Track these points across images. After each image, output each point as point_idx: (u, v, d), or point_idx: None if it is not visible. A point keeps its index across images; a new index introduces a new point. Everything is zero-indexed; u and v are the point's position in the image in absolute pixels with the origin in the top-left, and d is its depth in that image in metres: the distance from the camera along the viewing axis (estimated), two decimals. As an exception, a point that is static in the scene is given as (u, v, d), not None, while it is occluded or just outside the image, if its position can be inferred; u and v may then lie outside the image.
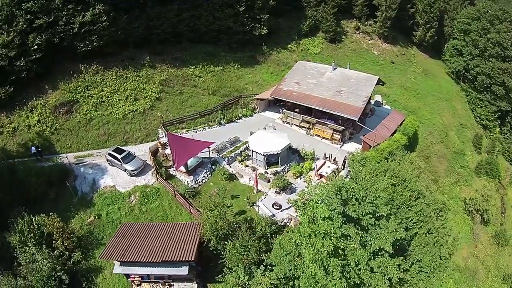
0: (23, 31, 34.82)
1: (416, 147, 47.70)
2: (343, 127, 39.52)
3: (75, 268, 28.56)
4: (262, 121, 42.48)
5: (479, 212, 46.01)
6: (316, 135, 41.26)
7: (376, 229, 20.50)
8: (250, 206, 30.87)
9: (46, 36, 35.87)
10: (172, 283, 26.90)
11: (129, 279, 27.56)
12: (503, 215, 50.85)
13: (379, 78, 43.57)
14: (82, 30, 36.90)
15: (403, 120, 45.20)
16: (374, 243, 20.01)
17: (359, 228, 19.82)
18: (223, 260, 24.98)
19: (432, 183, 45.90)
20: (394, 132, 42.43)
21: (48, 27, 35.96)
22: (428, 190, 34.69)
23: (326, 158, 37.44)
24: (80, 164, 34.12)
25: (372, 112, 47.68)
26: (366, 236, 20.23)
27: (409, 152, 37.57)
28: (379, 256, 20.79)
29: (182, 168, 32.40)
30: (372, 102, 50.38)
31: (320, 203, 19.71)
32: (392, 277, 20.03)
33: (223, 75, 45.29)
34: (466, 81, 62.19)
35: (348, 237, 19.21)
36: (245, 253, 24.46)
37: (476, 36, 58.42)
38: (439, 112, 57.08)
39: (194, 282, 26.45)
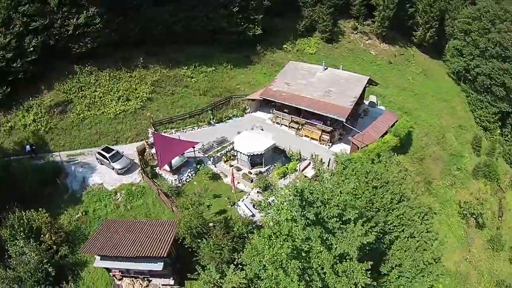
0: (19, 33, 36.21)
1: (409, 149, 47.56)
2: (331, 128, 39.82)
3: (62, 262, 29.84)
4: (252, 121, 43.09)
5: (474, 216, 45.47)
6: (305, 135, 41.68)
7: (342, 233, 20.60)
8: (231, 206, 31.62)
9: (42, 38, 37.24)
10: (150, 279, 27.95)
11: (110, 274, 28.70)
12: (500, 219, 50.06)
13: (369, 78, 43.63)
14: (77, 32, 38.18)
15: (396, 121, 45.19)
16: (339, 247, 20.00)
17: (323, 231, 20.04)
18: (197, 258, 25.79)
19: (425, 185, 45.73)
20: (386, 133, 42.53)
21: (43, 29, 37.33)
22: (414, 193, 34.39)
23: (313, 159, 37.87)
24: (72, 163, 35.51)
25: (366, 113, 47.78)
26: (331, 240, 20.39)
27: (395, 153, 37.45)
28: (346, 260, 20.70)
29: (167, 167, 33.41)
30: (367, 103, 50.44)
31: (284, 205, 20.15)
32: (358, 282, 19.88)
33: (215, 76, 46.12)
34: (467, 81, 61.36)
35: (319, 239, 19.53)
36: (218, 251, 25.22)
37: (476, 36, 57.54)
38: (437, 113, 56.58)
39: (171, 278, 27.39)
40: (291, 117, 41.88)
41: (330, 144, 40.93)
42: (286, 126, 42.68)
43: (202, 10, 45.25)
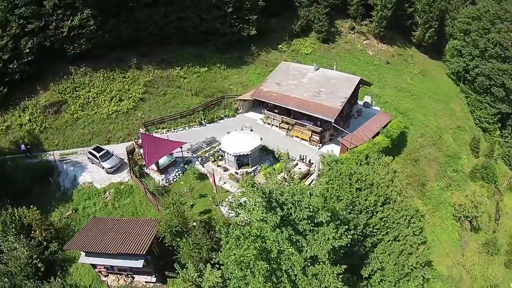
0: (16, 35, 37.39)
1: (403, 150, 47.33)
2: (321, 129, 39.99)
3: (52, 258, 30.97)
4: (244, 122, 43.52)
5: (468, 219, 44.96)
6: (296, 136, 41.96)
7: (314, 235, 20.57)
8: (216, 206, 32.16)
9: (37, 39, 38.32)
10: (133, 276, 28.74)
11: (96, 270, 29.58)
12: (496, 222, 49.41)
13: (361, 79, 43.51)
14: (71, 34, 39.11)
15: (389, 122, 45.08)
16: (309, 249, 19.99)
17: (293, 233, 20.13)
18: (177, 257, 26.42)
19: (418, 187, 45.42)
20: (378, 134, 42.47)
21: (39, 31, 38.37)
22: (402, 195, 34.20)
23: (302, 159, 38.14)
24: (64, 161, 36.52)
25: (360, 113, 47.73)
26: (302, 242, 20.43)
27: (385, 155, 37.45)
28: (319, 263, 20.66)
29: (154, 167, 34.11)
30: (361, 103, 50.40)
31: (256, 206, 20.40)
32: (329, 286, 19.84)
33: (208, 76, 46.68)
34: (466, 82, 60.71)
35: (286, 241, 19.73)
36: (197, 250, 25.80)
37: (476, 36, 56.90)
38: (434, 114, 56.16)
39: (153, 276, 28.13)
40: (282, 117, 42.19)
41: (320, 145, 41.13)
42: (277, 126, 43.01)
43: (194, 11, 45.70)
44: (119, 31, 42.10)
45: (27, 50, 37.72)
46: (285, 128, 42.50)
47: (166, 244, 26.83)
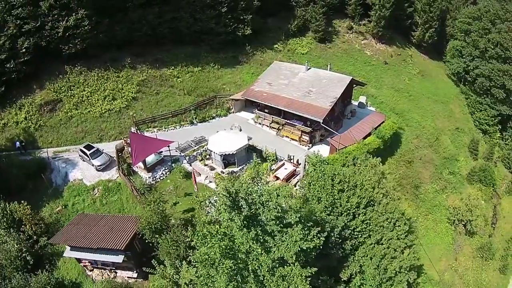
0: (13, 35, 38.47)
1: (397, 151, 47.03)
2: (310, 129, 40.07)
3: (41, 252, 32.06)
4: (236, 121, 43.89)
5: (462, 223, 44.23)
6: (285, 136, 42.18)
7: (282, 236, 20.44)
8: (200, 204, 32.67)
9: (34, 39, 39.36)
10: (116, 271, 29.52)
11: (81, 264, 30.48)
12: (493, 226, 48.59)
13: (352, 79, 43.29)
14: (66, 34, 40.09)
15: (382, 122, 44.87)
16: (277, 250, 19.96)
17: (260, 233, 20.32)
18: (156, 253, 27.05)
19: (411, 189, 45.02)
20: (370, 135, 42.32)
21: (35, 31, 39.36)
22: (389, 197, 33.63)
23: (290, 160, 38.37)
24: (57, 159, 37.56)
25: (353, 113, 47.67)
26: (271, 242, 20.30)
27: (372, 156, 37.31)
28: (289, 265, 20.57)
29: (141, 165, 34.82)
30: (356, 103, 50.28)
31: (222, 205, 20.74)
32: (298, 286, 19.67)
33: (202, 76, 47.23)
34: (466, 83, 59.85)
35: (251, 241, 19.97)
36: (175, 247, 26.35)
37: (476, 37, 56.10)
38: (432, 115, 55.61)
39: (134, 271, 28.84)
40: (272, 117, 42.45)
41: (310, 145, 41.26)
42: (268, 126, 43.29)
43: (189, 11, 46.25)
44: (114, 31, 42.93)
45: (24, 50, 38.78)
46: (275, 128, 42.77)
47: (146, 241, 27.49)
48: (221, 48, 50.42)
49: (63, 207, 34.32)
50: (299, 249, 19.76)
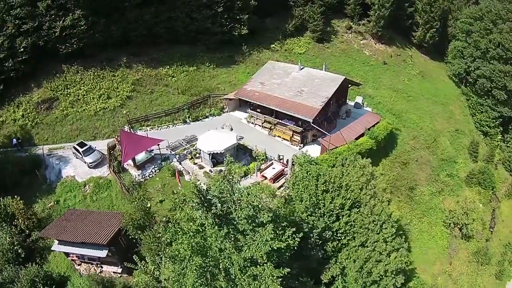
0: (12, 35, 39.55)
1: (392, 152, 46.65)
2: (302, 129, 40.12)
3: (33, 246, 33.03)
4: (229, 121, 44.32)
5: (458, 226, 43.43)
6: (277, 136, 42.33)
7: (253, 236, 20.45)
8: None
9: (32, 39, 40.36)
10: (102, 266, 30.19)
11: (69, 258, 31.26)
12: (491, 230, 47.60)
13: (345, 78, 43.01)
14: (63, 34, 41.01)
15: (377, 123, 44.62)
16: (247, 249, 20.00)
17: (231, 231, 20.42)
18: (138, 249, 27.56)
19: (406, 191, 44.51)
20: (363, 135, 42.14)
21: (33, 31, 40.37)
22: (378, 200, 32.94)
23: (280, 159, 38.50)
24: (52, 156, 38.48)
25: (349, 114, 47.58)
26: (243, 241, 20.40)
27: (360, 157, 37.16)
28: (261, 264, 20.41)
29: (131, 162, 35.43)
30: (352, 103, 50.12)
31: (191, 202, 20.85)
32: (269, 286, 19.66)
33: (196, 75, 47.71)
34: (468, 84, 58.92)
35: (221, 239, 20.18)
36: (156, 244, 26.80)
37: (478, 37, 55.20)
38: (430, 116, 54.97)
39: (119, 266, 29.45)
40: (264, 117, 42.65)
41: (302, 145, 41.33)
42: (260, 126, 43.50)
43: (185, 11, 46.75)
44: (110, 31, 43.70)
45: (22, 49, 39.80)
46: (267, 128, 42.97)
47: (130, 237, 28.03)
48: (217, 47, 50.83)
49: (55, 202, 35.22)
50: (270, 249, 19.82)
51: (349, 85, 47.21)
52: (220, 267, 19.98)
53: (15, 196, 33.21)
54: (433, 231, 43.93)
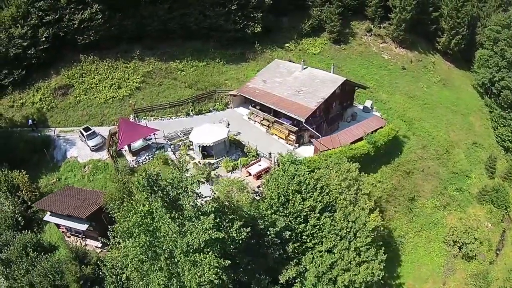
0: (35, 25, 43.10)
1: (394, 160, 45.01)
2: (297, 128, 40.11)
3: (33, 216, 36.15)
4: (232, 116, 45.30)
5: (458, 244, 41.14)
6: (274, 134, 42.62)
7: (196, 223, 21.14)
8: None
9: (53, 30, 43.77)
10: (86, 239, 32.53)
11: (60, 230, 33.87)
12: (497, 252, 44.30)
13: (346, 80, 41.91)
14: (81, 26, 44.08)
15: (379, 128, 43.50)
16: (190, 235, 20.74)
17: (176, 217, 21.08)
18: (113, 226, 29.24)
19: (405, 202, 42.93)
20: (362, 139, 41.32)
21: (55, 22, 43.74)
22: (358, 206, 31.74)
23: (270, 157, 38.80)
24: (60, 137, 41.61)
25: (354, 117, 46.84)
26: (188, 227, 21.13)
27: (349, 160, 36.33)
28: (206, 252, 21.14)
29: (127, 149, 37.50)
30: (360, 107, 49.23)
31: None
32: (205, 275, 20.39)
33: (206, 70, 49.13)
34: (492, 95, 55.38)
35: (167, 221, 21.23)
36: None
37: (504, 46, 51.80)
38: (446, 126, 52.44)
39: (99, 242, 31.48)
40: (264, 114, 43.11)
41: (297, 145, 41.33)
42: (259, 123, 44.00)
43: (198, 8, 48.30)
44: (125, 25, 46.26)
45: (44, 39, 43.25)
46: (265, 125, 43.37)
47: (109, 215, 29.84)
48: (229, 44, 51.95)
49: (57, 179, 38.18)
50: (209, 237, 20.51)
51: (356, 88, 46.43)
52: (164, 247, 20.97)
53: (22, 170, 36.40)
54: (431, 247, 42.07)
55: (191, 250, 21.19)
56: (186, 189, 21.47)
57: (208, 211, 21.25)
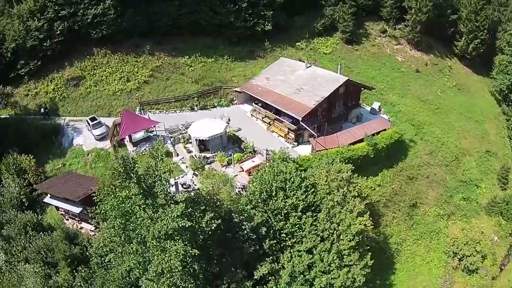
0: (51, 19, 45.28)
1: (397, 164, 43.74)
2: (296, 126, 39.98)
3: (37, 199, 37.96)
4: (235, 112, 45.77)
5: (458, 256, 39.59)
6: (274, 131, 42.69)
7: (166, 211, 21.65)
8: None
9: (68, 23, 45.77)
10: (81, 222, 33.93)
11: (59, 212, 35.46)
12: (502, 267, 42.10)
13: (348, 79, 41.28)
14: (95, 21, 45.88)
15: (382, 130, 42.64)
16: (160, 222, 21.30)
17: (150, 203, 21.88)
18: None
19: (405, 208, 41.79)
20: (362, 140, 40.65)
21: (70, 16, 45.69)
22: (346, 209, 30.17)
23: (267, 154, 38.88)
24: (69, 126, 43.53)
25: (359, 118, 46.20)
26: (160, 214, 21.71)
27: (347, 161, 35.78)
28: (175, 240, 21.51)
29: (128, 139, 38.79)
30: (368, 108, 48.45)
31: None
32: (171, 261, 20.83)
33: (213, 66, 49.82)
34: (511, 103, 52.84)
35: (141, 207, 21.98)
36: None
37: (524, 51, 49.40)
38: (458, 133, 50.57)
39: (93, 225, 32.77)
40: (265, 111, 43.25)
41: (296, 143, 41.21)
42: (261, 120, 44.19)
43: (208, 5, 49.09)
44: (136, 21, 47.73)
45: (59, 32, 45.31)
46: (266, 123, 43.51)
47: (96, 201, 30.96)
48: (239, 42, 52.46)
49: (62, 165, 40.01)
50: (178, 226, 20.96)
51: (362, 89, 45.73)
52: (137, 231, 21.70)
53: (29, 155, 38.37)
54: (429, 257, 40.73)
55: (162, 237, 21.78)
56: (160, 177, 22.13)
57: (179, 200, 21.83)
